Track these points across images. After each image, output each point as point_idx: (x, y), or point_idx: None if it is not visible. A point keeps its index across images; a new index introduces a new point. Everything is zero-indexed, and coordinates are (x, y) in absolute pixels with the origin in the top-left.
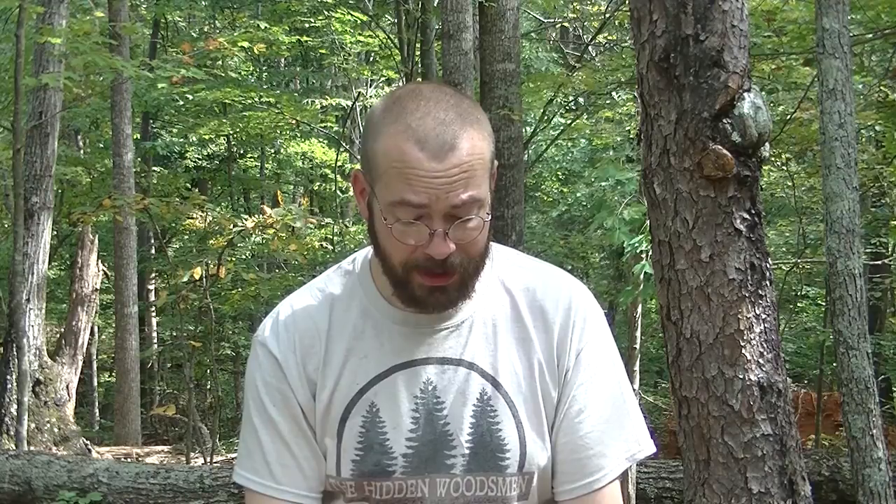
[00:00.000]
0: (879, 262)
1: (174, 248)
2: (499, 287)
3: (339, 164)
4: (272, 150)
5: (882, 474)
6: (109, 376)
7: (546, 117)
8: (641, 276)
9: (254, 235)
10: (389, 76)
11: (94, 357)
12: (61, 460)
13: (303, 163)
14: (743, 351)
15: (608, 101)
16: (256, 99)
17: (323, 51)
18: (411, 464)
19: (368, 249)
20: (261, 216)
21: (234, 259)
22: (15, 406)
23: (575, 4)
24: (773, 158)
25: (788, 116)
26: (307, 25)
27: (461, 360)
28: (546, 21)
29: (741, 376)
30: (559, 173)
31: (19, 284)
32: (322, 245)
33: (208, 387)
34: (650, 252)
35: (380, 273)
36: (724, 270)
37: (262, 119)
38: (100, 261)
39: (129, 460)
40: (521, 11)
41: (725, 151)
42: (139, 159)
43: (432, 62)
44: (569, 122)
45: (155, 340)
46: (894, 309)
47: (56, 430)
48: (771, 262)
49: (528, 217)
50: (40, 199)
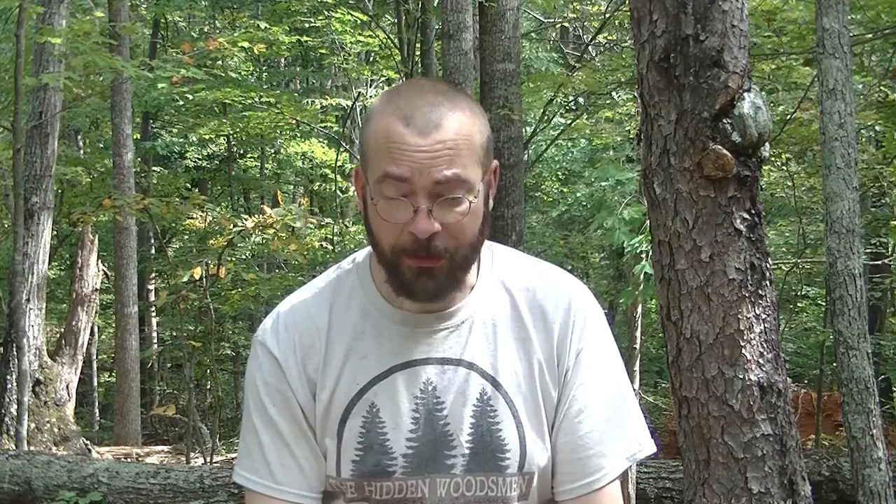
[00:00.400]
0: (879, 262)
1: (174, 248)
2: (499, 287)
3: (339, 164)
4: (272, 150)
5: (882, 474)
6: (109, 376)
7: (546, 117)
8: (641, 276)
9: (254, 235)
10: (389, 76)
11: (94, 357)
12: (61, 460)
13: (303, 163)
14: (743, 351)
15: (608, 101)
16: (256, 99)
17: (323, 51)
18: (411, 464)
19: (368, 249)
20: (261, 216)
21: (234, 259)
22: (15, 406)
23: (575, 4)
24: (773, 158)
25: (788, 116)
26: (307, 25)
27: (461, 360)
28: (546, 21)
29: (741, 376)
30: (559, 173)
31: (19, 284)
32: (322, 245)
33: (208, 387)
34: (650, 252)
35: (379, 272)
36: (724, 270)
37: (262, 119)
38: (100, 261)
39: (129, 460)
40: (521, 11)
41: (725, 151)
42: (139, 159)
43: (432, 62)
44: (569, 122)
45: (155, 340)
46: (894, 309)
47: (56, 430)
48: (771, 262)
49: (528, 217)
50: (40, 199)
